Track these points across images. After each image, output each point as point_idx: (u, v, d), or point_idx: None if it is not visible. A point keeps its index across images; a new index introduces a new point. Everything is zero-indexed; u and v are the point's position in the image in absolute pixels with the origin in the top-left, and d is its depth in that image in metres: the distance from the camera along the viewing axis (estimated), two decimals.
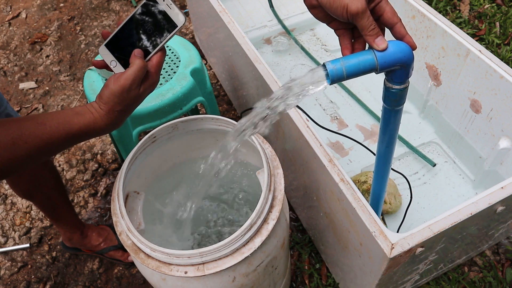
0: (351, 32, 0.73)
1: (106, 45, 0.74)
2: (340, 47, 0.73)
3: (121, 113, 0.72)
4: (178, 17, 0.72)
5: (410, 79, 0.75)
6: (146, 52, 0.73)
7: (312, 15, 0.73)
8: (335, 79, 0.68)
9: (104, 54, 0.75)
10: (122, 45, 0.74)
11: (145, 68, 0.71)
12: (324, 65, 0.68)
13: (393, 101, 0.78)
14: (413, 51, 0.70)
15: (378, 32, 0.67)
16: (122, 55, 0.74)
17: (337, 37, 0.74)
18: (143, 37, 0.73)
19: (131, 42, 0.74)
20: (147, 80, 0.72)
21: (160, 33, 0.73)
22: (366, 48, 0.72)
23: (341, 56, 0.70)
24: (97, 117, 0.70)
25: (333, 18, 0.71)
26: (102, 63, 0.76)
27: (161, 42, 0.73)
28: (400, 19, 0.69)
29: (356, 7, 0.64)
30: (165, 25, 0.73)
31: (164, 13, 0.72)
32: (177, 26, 0.72)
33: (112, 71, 0.75)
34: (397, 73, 0.71)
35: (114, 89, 0.69)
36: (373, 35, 0.67)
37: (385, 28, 0.71)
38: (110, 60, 0.75)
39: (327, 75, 0.67)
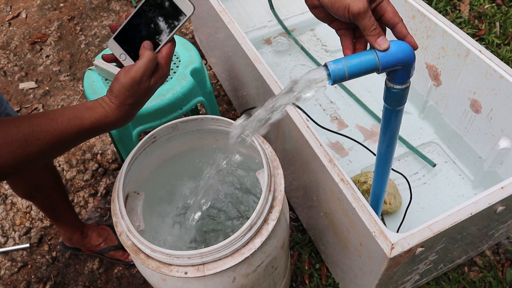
0: (352, 32, 0.73)
1: (115, 38, 0.73)
2: (341, 47, 0.74)
3: (132, 106, 0.71)
4: (186, 5, 0.71)
5: (410, 83, 0.75)
6: (155, 44, 0.72)
7: (312, 16, 0.73)
8: (337, 79, 0.68)
9: (113, 48, 0.74)
10: (131, 38, 0.73)
11: (155, 60, 0.70)
12: (326, 65, 0.68)
13: (394, 101, 0.78)
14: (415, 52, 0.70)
15: (380, 32, 0.67)
16: (131, 47, 0.73)
17: (338, 38, 0.74)
18: (152, 28, 0.72)
19: (140, 34, 0.73)
20: (158, 72, 0.72)
21: (168, 23, 0.72)
22: (368, 48, 0.72)
23: (342, 56, 0.70)
24: (108, 111, 0.70)
25: (335, 18, 0.71)
26: (111, 57, 0.75)
27: (170, 32, 0.72)
28: (402, 19, 0.69)
29: (358, 7, 0.64)
30: (173, 14, 0.71)
31: (172, 3, 0.71)
32: (186, 15, 0.71)
33: (121, 64, 0.74)
34: (399, 73, 0.71)
35: (125, 82, 0.69)
36: (375, 35, 0.67)
37: (386, 28, 0.71)
38: (119, 54, 0.74)
39: (329, 75, 0.67)
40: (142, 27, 0.73)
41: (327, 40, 2.03)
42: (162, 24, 0.72)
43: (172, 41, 0.73)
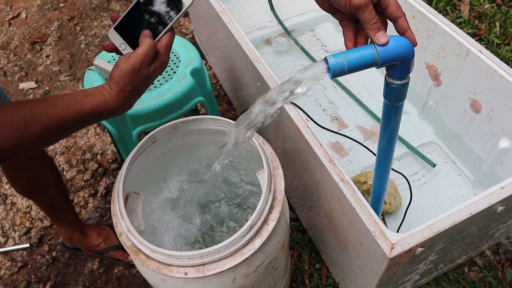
0: (355, 24, 0.74)
1: (115, 28, 0.75)
2: (343, 40, 0.75)
3: (132, 93, 0.72)
4: None
5: (410, 79, 0.75)
6: (155, 33, 0.74)
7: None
8: (336, 73, 0.69)
9: (114, 37, 0.75)
10: (131, 28, 0.75)
11: (155, 47, 0.72)
12: (325, 59, 0.69)
13: (394, 97, 0.78)
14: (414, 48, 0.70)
15: (380, 26, 0.68)
16: (132, 37, 0.74)
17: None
18: (152, 18, 0.74)
19: (140, 24, 0.74)
20: (157, 60, 0.73)
21: (168, 13, 0.73)
22: (369, 42, 0.73)
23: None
24: (108, 98, 0.71)
25: (338, 9, 0.72)
26: (111, 46, 0.76)
27: (169, 22, 0.73)
28: (404, 14, 0.70)
29: (360, 0, 0.65)
30: (172, 5, 0.73)
31: None
32: (185, 5, 0.73)
33: (121, 54, 0.76)
34: (398, 68, 0.72)
35: (125, 68, 0.70)
36: (375, 29, 0.68)
37: (388, 23, 0.72)
38: (119, 43, 0.75)
39: (328, 69, 0.68)
40: (142, 17, 0.74)
41: (327, 41, 2.03)
42: (161, 14, 0.74)
43: (171, 30, 0.75)
